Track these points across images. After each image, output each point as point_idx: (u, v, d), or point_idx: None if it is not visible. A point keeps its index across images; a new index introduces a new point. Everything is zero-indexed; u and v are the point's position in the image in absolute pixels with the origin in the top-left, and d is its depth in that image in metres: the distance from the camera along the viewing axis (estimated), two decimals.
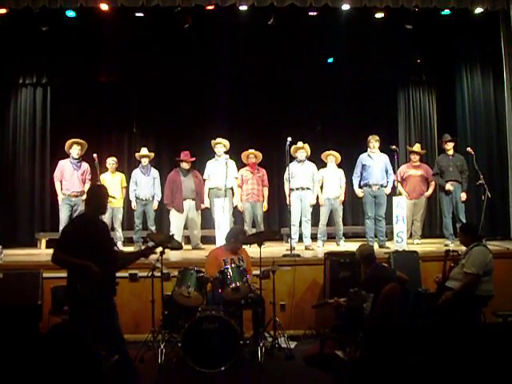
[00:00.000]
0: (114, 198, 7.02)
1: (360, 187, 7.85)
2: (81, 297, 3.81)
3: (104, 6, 7.22)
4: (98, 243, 3.94)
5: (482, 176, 7.51)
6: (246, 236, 5.95)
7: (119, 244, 8.07)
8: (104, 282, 3.85)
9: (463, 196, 7.77)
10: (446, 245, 7.46)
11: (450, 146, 7.89)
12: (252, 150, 8.08)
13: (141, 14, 7.94)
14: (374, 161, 7.77)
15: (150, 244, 5.03)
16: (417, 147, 8.42)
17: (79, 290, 3.81)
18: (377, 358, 3.21)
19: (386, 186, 7.78)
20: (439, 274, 5.37)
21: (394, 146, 7.64)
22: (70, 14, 7.72)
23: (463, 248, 5.44)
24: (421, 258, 6.42)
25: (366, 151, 7.93)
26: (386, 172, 7.79)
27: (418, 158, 8.22)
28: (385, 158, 7.83)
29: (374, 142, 7.80)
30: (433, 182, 8.15)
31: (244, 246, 5.92)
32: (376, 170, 7.73)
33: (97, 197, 4.13)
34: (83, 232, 3.93)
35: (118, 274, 6.12)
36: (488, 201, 7.44)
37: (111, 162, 8.05)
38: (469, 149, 7.88)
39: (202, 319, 4.89)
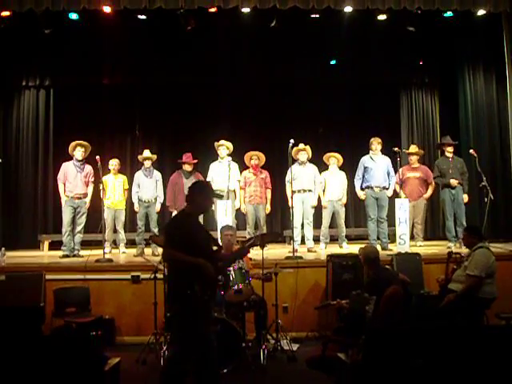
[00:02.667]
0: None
1: (362, 189, 7.84)
2: (197, 298, 3.66)
3: (107, 9, 7.22)
4: (202, 242, 3.81)
5: (484, 178, 7.49)
6: (235, 231, 5.94)
7: (122, 246, 8.09)
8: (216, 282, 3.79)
9: (465, 198, 7.75)
10: (448, 247, 7.44)
11: (450, 149, 7.89)
12: (255, 152, 8.08)
13: (143, 17, 7.96)
14: (376, 163, 7.77)
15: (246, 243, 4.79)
16: (413, 148, 8.37)
17: (196, 290, 3.64)
18: (379, 360, 3.19)
19: (387, 189, 7.77)
20: (442, 275, 5.36)
21: (396, 148, 7.63)
22: (73, 16, 7.73)
23: (466, 250, 5.44)
24: (423, 261, 6.41)
25: (368, 153, 7.93)
26: (388, 174, 7.78)
27: (415, 159, 8.17)
28: (387, 160, 7.84)
29: (376, 144, 7.81)
30: (432, 184, 8.11)
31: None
32: (378, 172, 7.72)
33: (203, 193, 3.91)
34: (188, 230, 3.76)
35: (119, 276, 6.26)
36: (491, 203, 7.42)
37: (113, 163, 8.07)
38: (471, 151, 7.86)
39: None
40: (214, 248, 3.97)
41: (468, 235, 5.38)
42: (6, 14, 7.25)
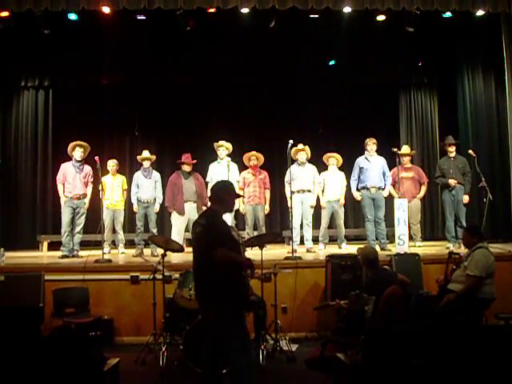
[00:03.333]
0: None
1: (358, 190, 7.84)
2: (242, 297, 3.85)
3: (106, 9, 7.22)
4: (235, 239, 4.01)
5: (483, 178, 7.49)
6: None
7: (121, 246, 8.09)
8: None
9: (465, 198, 7.74)
10: (447, 247, 7.44)
11: (452, 148, 7.88)
12: (253, 152, 8.08)
13: (143, 17, 7.96)
14: (372, 163, 7.76)
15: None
16: (405, 149, 8.35)
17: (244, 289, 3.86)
18: (378, 360, 3.19)
19: (383, 189, 7.76)
20: (441, 275, 5.36)
21: (395, 149, 7.63)
22: (72, 16, 7.73)
23: (465, 251, 5.44)
24: (422, 261, 6.41)
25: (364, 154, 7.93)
26: (384, 174, 7.78)
27: (407, 159, 8.17)
28: (382, 160, 7.83)
29: (371, 144, 7.80)
30: (425, 184, 8.14)
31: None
32: (373, 172, 7.71)
33: (231, 193, 4.03)
34: (224, 228, 3.92)
35: (118, 276, 6.26)
36: (490, 203, 7.43)
37: (112, 164, 8.07)
38: (470, 151, 7.86)
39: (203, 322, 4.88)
40: None
41: (468, 235, 5.38)
42: (4, 14, 7.24)
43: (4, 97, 9.51)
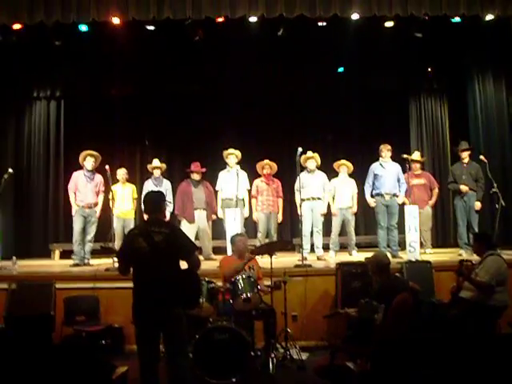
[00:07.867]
0: None
1: (372, 196, 7.79)
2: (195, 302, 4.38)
3: (116, 20, 7.30)
4: None
5: (495, 184, 7.42)
6: (246, 239, 5.91)
7: None
8: None
9: (477, 205, 7.65)
10: (459, 254, 7.37)
11: (465, 154, 7.82)
12: (267, 161, 8.06)
13: (152, 27, 8.03)
14: (386, 170, 7.72)
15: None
16: (417, 156, 8.30)
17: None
18: (388, 369, 3.17)
19: (398, 196, 7.71)
20: (455, 284, 5.29)
21: (405, 155, 7.59)
22: (83, 28, 7.83)
23: (477, 257, 5.38)
24: (434, 268, 6.35)
25: (377, 160, 7.89)
26: (398, 181, 7.73)
27: (418, 166, 8.12)
28: (397, 167, 7.78)
29: (385, 151, 7.76)
30: (436, 190, 8.09)
31: (256, 257, 5.90)
32: (388, 179, 7.67)
33: (164, 203, 4.26)
34: None
35: (129, 285, 6.25)
36: (502, 209, 7.34)
37: (122, 173, 8.13)
38: (482, 157, 7.79)
39: (213, 330, 4.87)
40: None
41: (476, 243, 5.35)
42: (17, 26, 7.36)
43: (17, 107, 9.64)
